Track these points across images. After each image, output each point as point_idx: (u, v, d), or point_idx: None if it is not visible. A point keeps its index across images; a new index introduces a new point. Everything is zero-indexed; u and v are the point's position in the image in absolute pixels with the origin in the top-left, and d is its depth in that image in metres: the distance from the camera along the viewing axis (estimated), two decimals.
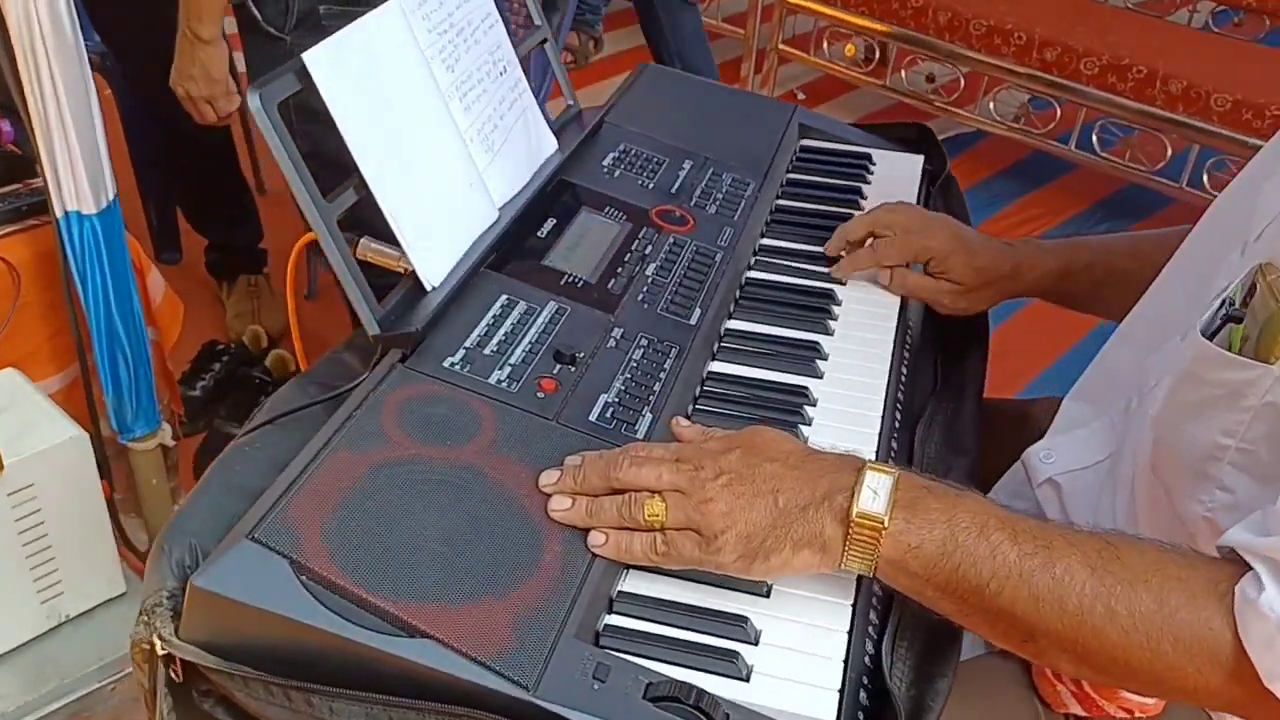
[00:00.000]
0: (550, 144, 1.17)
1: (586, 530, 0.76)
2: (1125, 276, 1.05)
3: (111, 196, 1.48)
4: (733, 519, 0.73)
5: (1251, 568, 0.67)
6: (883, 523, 0.71)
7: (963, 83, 3.23)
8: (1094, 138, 2.99)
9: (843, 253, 1.15)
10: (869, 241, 1.13)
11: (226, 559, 0.68)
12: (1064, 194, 3.23)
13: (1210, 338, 0.77)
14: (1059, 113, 3.05)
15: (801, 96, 3.71)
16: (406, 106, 0.94)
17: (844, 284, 1.13)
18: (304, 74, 0.85)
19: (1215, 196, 1.05)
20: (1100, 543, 0.71)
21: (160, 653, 0.69)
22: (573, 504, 0.77)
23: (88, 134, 1.40)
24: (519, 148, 1.11)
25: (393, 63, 0.93)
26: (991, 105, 3.19)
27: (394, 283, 0.93)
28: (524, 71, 1.15)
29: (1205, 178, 2.87)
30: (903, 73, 3.37)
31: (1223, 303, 0.77)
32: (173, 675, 0.71)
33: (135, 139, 2.31)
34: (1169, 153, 2.88)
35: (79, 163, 1.40)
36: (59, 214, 1.44)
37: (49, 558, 1.41)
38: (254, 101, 0.80)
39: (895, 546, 0.71)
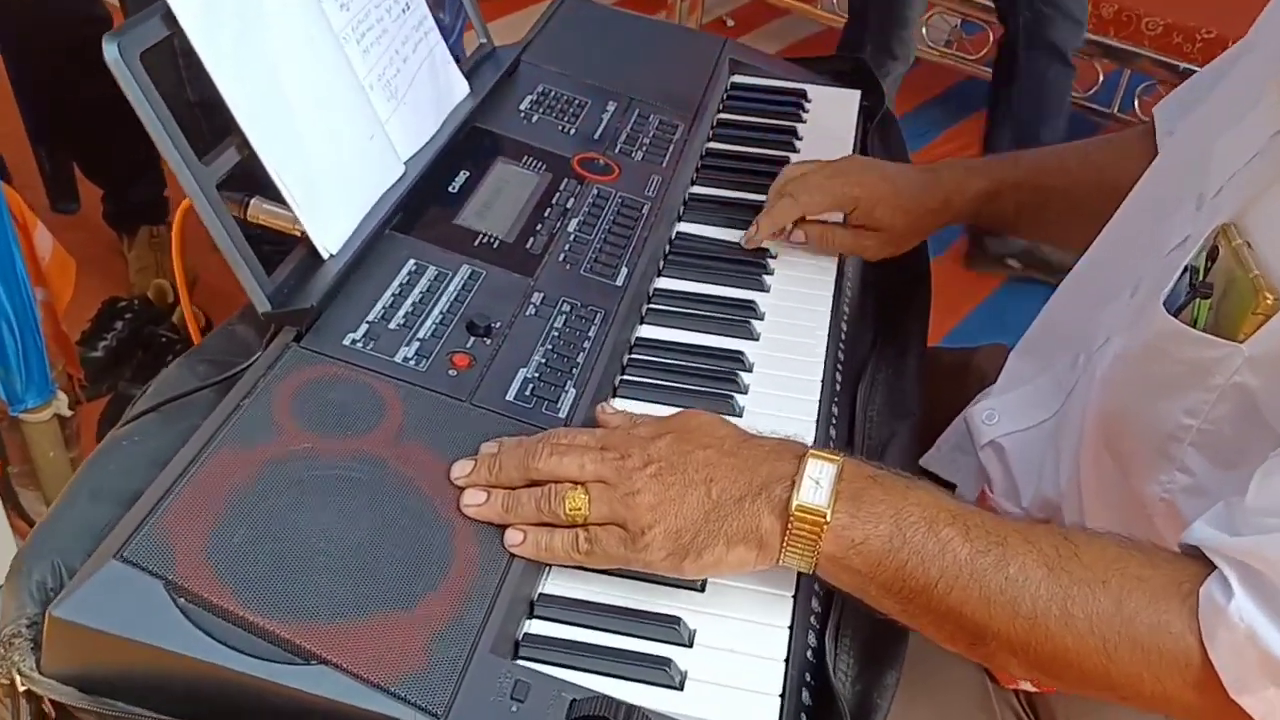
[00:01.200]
0: (462, 88, 1.08)
1: (504, 528, 0.69)
2: (1056, 194, 1.01)
3: None
4: (661, 512, 0.66)
5: (1216, 568, 0.62)
6: (825, 516, 0.65)
7: None
8: None
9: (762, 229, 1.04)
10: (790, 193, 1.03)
11: (91, 584, 0.60)
12: None
13: (1176, 312, 0.71)
14: (991, 37, 2.99)
15: (730, 24, 3.60)
16: (293, 52, 0.84)
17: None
18: (170, 18, 0.74)
19: (1146, 121, 1.00)
20: (1058, 539, 0.65)
21: (20, 689, 0.61)
22: (488, 498, 0.69)
23: None
24: (426, 93, 1.01)
25: (276, 5, 0.83)
26: (924, 30, 3.11)
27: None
28: (439, 4, 1.05)
29: (1136, 103, 2.84)
30: None
31: (1186, 270, 0.72)
32: (44, 712, 0.63)
33: (20, 86, 2.13)
34: (1100, 77, 2.84)
35: None
36: None
37: None
38: (110, 51, 0.70)
39: (838, 542, 0.65)
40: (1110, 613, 0.63)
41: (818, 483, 0.66)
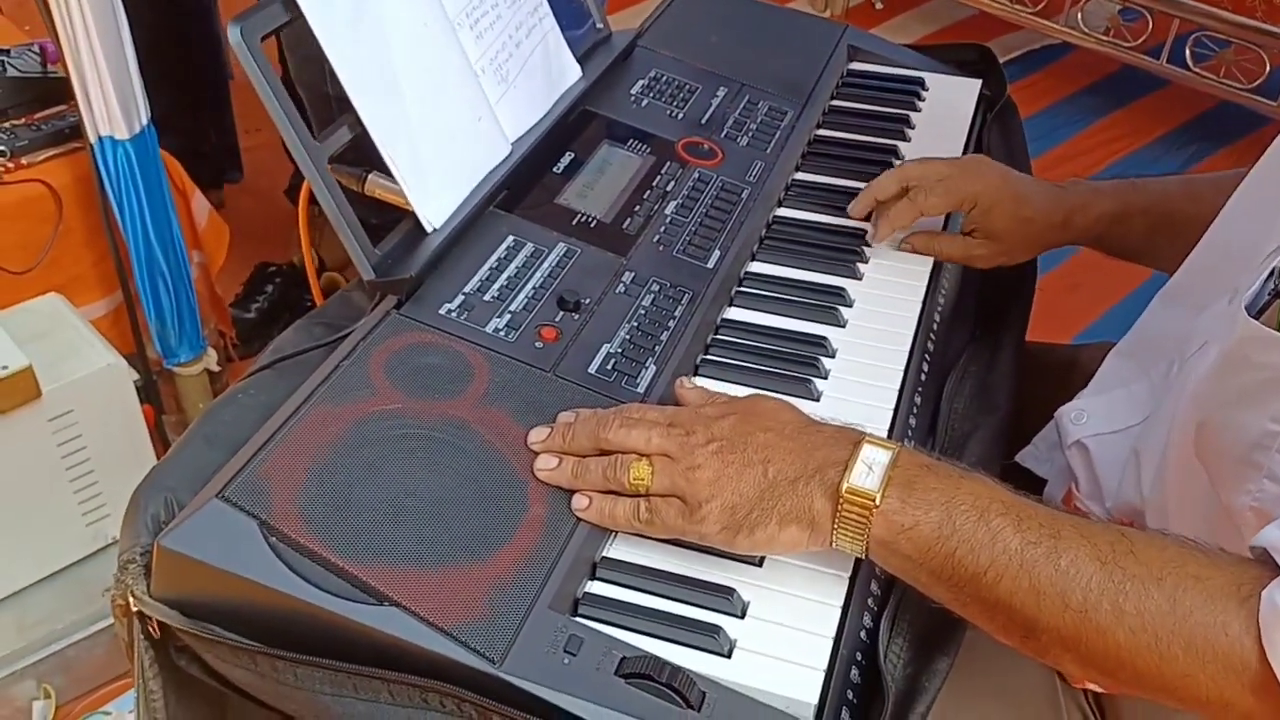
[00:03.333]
0: (574, 72, 1.12)
1: (572, 493, 0.73)
2: (1182, 221, 0.96)
3: (145, 121, 1.47)
4: (719, 488, 0.69)
5: None
6: (874, 500, 0.67)
7: None
8: (1187, 51, 2.80)
9: (872, 213, 1.05)
10: (909, 194, 1.02)
11: (195, 519, 0.67)
12: (1153, 112, 3.04)
13: (1258, 315, 0.69)
14: (1151, 24, 2.86)
15: (879, 6, 3.54)
16: (407, 37, 0.89)
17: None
18: (291, 4, 0.81)
19: None
20: (1114, 535, 0.65)
21: (133, 609, 0.69)
22: (559, 464, 0.73)
23: (117, 59, 1.38)
24: (537, 77, 1.05)
25: None
26: (1080, 16, 3.00)
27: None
28: None
29: None
30: None
31: (1272, 273, 0.70)
32: (150, 631, 0.70)
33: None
34: (1267, 68, 2.69)
35: (109, 88, 1.39)
36: (93, 139, 1.44)
37: (92, 481, 1.44)
38: (234, 35, 0.77)
39: (887, 526, 0.67)
40: (1164, 611, 0.62)
41: (870, 468, 0.67)
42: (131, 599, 0.68)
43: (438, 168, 0.90)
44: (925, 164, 1.03)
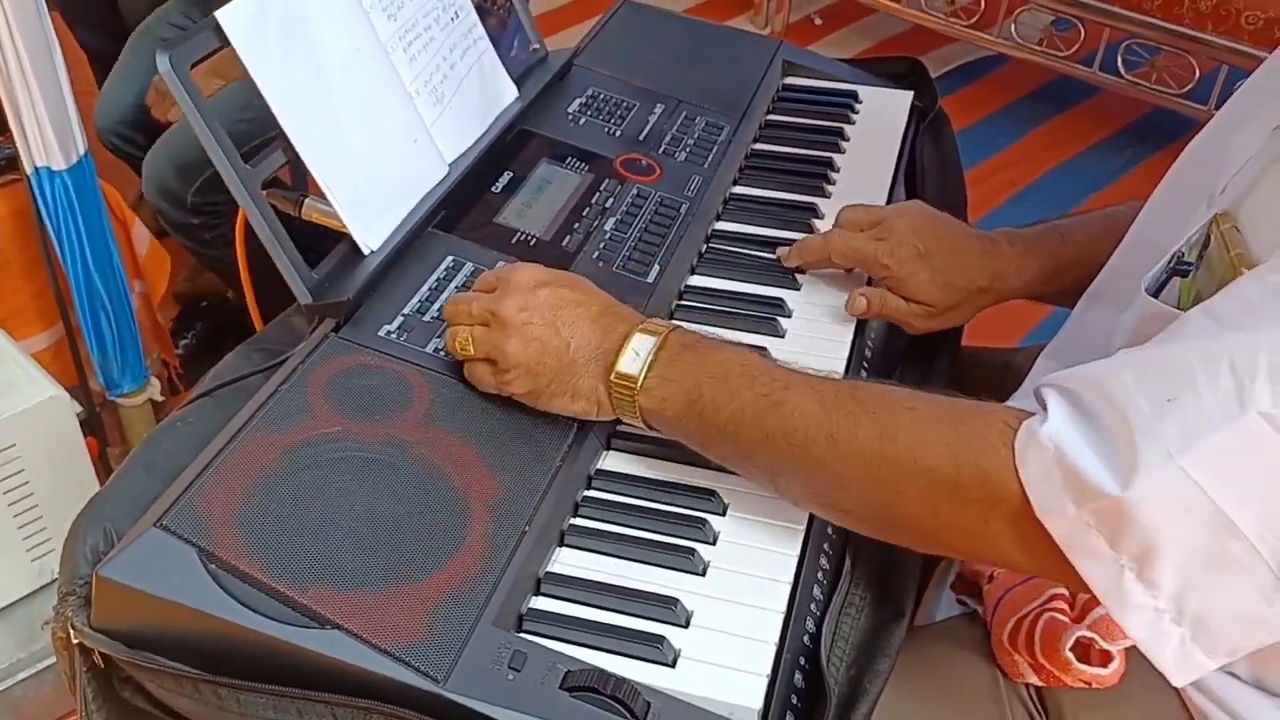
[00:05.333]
0: (510, 92, 1.12)
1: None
2: None
3: (82, 151, 1.45)
4: (525, 356, 0.77)
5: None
6: (636, 381, 0.76)
7: (983, 4, 3.10)
8: (1119, 59, 2.86)
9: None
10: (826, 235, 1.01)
11: (133, 548, 0.66)
12: (1088, 119, 3.11)
13: (1157, 293, 0.72)
14: (1083, 33, 2.92)
15: (818, 22, 3.59)
16: (339, 61, 0.89)
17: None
18: (220, 32, 0.81)
19: None
20: (844, 384, 0.74)
21: (74, 641, 0.68)
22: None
23: (52, 88, 1.37)
24: (473, 98, 1.06)
25: (323, 17, 0.89)
26: (1013, 27, 3.06)
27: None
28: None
29: None
30: None
31: (1172, 257, 0.72)
32: (95, 663, 0.69)
33: None
34: (1197, 74, 2.76)
35: (45, 118, 1.37)
36: (29, 170, 1.42)
37: (36, 516, 1.42)
38: (163, 64, 0.77)
39: (650, 400, 0.76)
40: (871, 437, 0.69)
41: (637, 353, 0.77)
42: (72, 631, 0.68)
43: (373, 190, 0.90)
44: (852, 218, 1.01)
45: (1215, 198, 0.74)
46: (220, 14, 0.80)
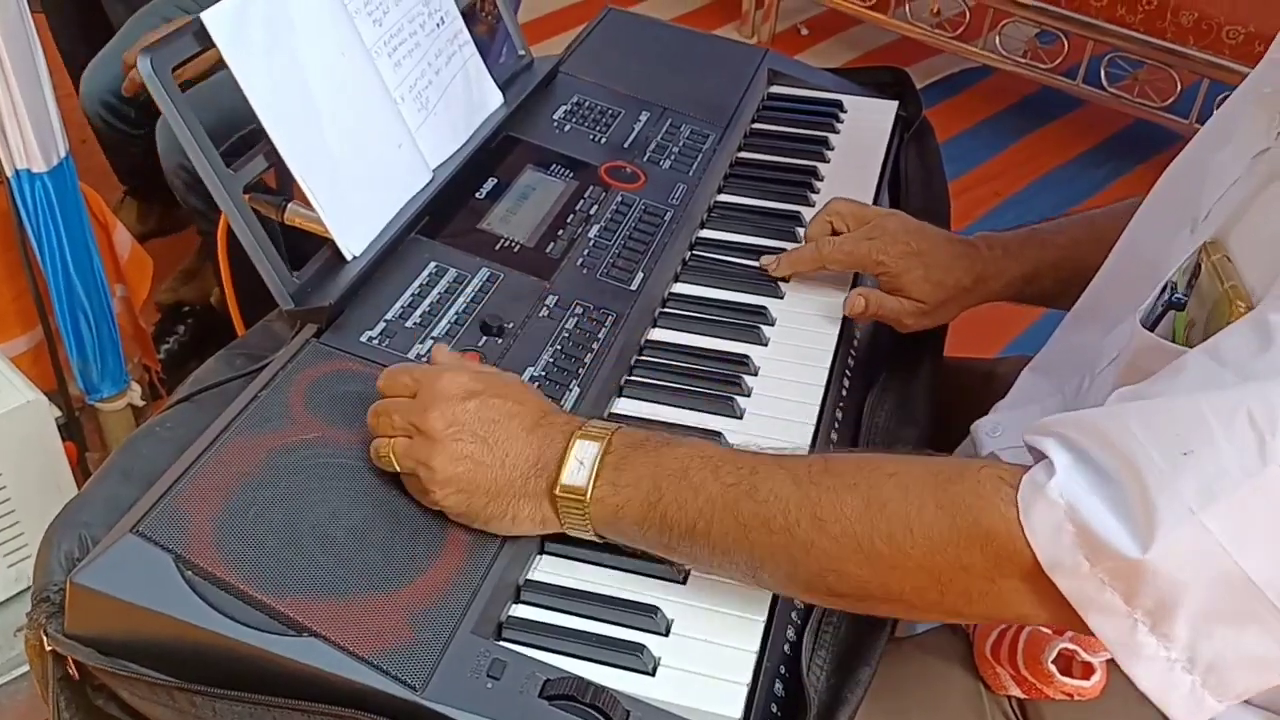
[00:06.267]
0: (495, 98, 1.12)
1: None
2: (1093, 268, 0.96)
3: (63, 154, 1.44)
4: (453, 476, 0.71)
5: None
6: (585, 493, 0.70)
7: (968, 16, 3.12)
8: (1102, 72, 2.88)
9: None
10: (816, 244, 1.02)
11: (109, 555, 0.66)
12: (1071, 131, 3.13)
13: (1152, 327, 0.72)
14: (1067, 46, 2.94)
15: (805, 32, 3.60)
16: (324, 66, 0.89)
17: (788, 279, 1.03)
18: (203, 34, 0.80)
19: None
20: (814, 459, 0.69)
21: (48, 648, 0.67)
22: None
23: (33, 90, 1.36)
24: (458, 104, 1.06)
25: (308, 21, 0.88)
26: (998, 39, 3.08)
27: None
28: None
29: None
30: (907, 7, 3.25)
31: (1165, 287, 0.72)
32: (69, 670, 0.69)
33: None
34: (1179, 87, 2.78)
35: (25, 120, 1.36)
36: (9, 173, 1.41)
37: (13, 522, 1.41)
38: (144, 66, 0.76)
39: (604, 510, 0.71)
40: (859, 510, 0.65)
41: (581, 463, 0.71)
42: (45, 638, 0.67)
43: (357, 195, 0.90)
44: (841, 216, 1.03)
45: (1199, 222, 0.74)
46: (205, 15, 0.79)
